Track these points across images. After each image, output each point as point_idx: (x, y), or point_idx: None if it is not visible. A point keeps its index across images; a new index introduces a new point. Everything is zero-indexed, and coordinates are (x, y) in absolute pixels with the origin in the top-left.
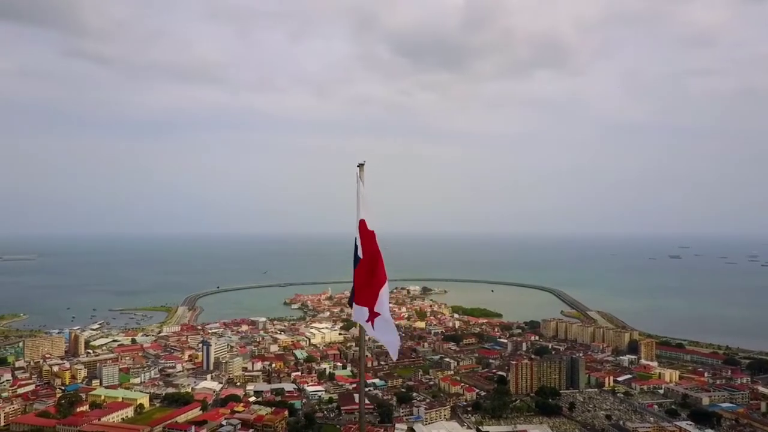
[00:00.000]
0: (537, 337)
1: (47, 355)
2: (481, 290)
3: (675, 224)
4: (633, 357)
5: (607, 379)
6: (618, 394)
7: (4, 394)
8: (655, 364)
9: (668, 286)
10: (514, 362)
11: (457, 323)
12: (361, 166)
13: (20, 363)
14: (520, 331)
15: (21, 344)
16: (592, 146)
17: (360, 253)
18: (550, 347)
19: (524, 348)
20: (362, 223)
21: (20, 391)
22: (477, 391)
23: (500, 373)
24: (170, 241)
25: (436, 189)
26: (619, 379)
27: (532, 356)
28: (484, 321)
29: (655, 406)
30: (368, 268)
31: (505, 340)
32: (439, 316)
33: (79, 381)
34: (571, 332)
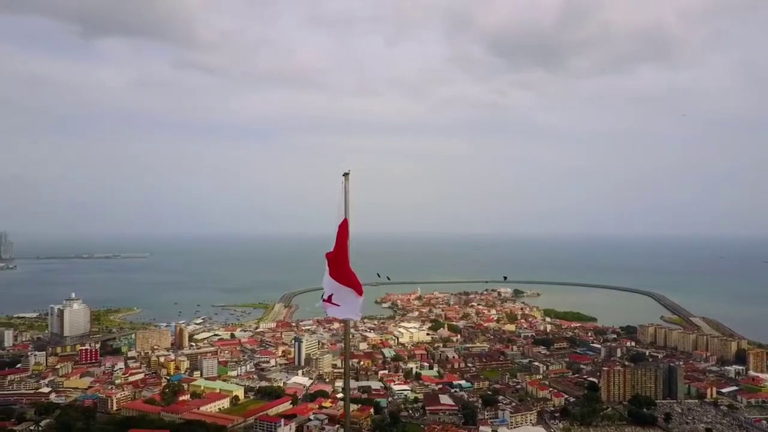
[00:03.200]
0: (633, 343)
1: (155, 347)
2: (576, 293)
3: None
4: (740, 368)
5: (709, 390)
6: (721, 407)
7: (117, 381)
8: (765, 376)
9: None
10: (606, 368)
11: (549, 327)
12: (346, 175)
13: (132, 353)
14: (615, 336)
15: (133, 336)
16: (698, 142)
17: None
18: (647, 354)
19: (618, 354)
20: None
21: (131, 379)
22: (566, 396)
23: (591, 379)
24: (274, 240)
25: (532, 188)
26: (724, 390)
27: (626, 363)
28: (577, 325)
29: (764, 422)
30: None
31: (599, 346)
32: (530, 319)
33: (182, 372)
34: (671, 339)
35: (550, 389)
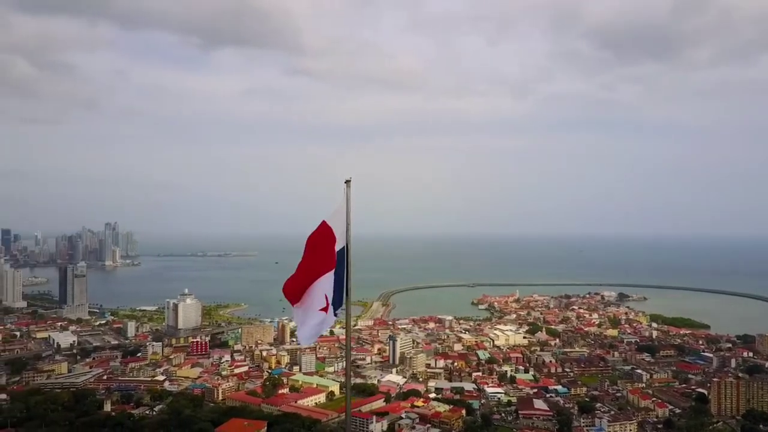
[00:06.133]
0: (751, 354)
1: (259, 342)
2: (687, 298)
3: None
4: None
5: None
6: None
7: (224, 373)
8: None
9: None
10: (717, 379)
11: (655, 333)
12: (348, 182)
13: (238, 347)
14: (729, 345)
15: (239, 330)
16: None
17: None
18: (766, 366)
19: (733, 364)
20: (325, 224)
21: (236, 371)
22: (670, 407)
23: (700, 390)
24: (373, 239)
25: (645, 187)
26: None
27: (740, 374)
28: (687, 332)
29: None
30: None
31: (710, 355)
32: (634, 324)
33: (283, 366)
34: None
35: (654, 399)
